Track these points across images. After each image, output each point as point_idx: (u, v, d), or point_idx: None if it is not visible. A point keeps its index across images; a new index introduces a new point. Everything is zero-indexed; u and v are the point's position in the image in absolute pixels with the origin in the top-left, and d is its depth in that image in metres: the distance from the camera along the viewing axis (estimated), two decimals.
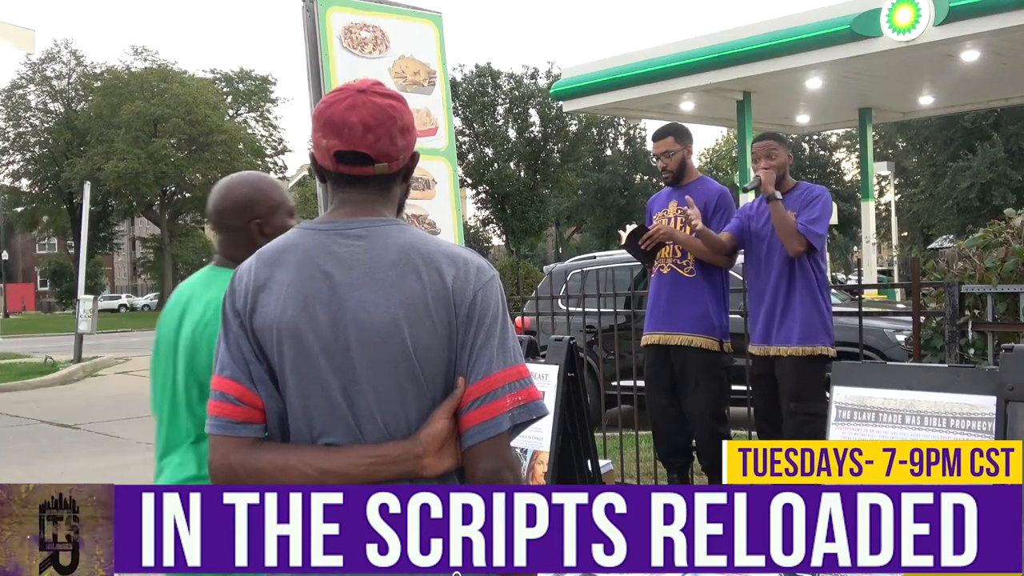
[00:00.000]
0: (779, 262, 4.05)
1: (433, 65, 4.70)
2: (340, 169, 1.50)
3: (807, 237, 3.96)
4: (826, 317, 4.03)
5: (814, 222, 3.99)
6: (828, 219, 4.07)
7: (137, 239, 65.30)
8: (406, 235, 1.49)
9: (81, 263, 16.59)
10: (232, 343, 1.48)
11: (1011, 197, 27.60)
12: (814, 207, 4.03)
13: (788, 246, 3.98)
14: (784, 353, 4.00)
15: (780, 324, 4.03)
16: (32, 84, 45.77)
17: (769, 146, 4.15)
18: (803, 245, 3.96)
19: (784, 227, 3.98)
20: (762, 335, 4.10)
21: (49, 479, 6.54)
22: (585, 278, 6.38)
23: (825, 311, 4.04)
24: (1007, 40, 10.33)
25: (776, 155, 4.12)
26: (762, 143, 4.20)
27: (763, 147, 4.16)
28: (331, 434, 1.45)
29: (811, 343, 3.97)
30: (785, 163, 4.15)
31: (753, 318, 4.20)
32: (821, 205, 4.03)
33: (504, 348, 1.48)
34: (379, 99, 1.49)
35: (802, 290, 4.01)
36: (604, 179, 45.81)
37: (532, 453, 3.77)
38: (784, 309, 4.02)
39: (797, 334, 3.97)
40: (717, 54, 11.83)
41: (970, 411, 2.64)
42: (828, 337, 4.01)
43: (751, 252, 4.23)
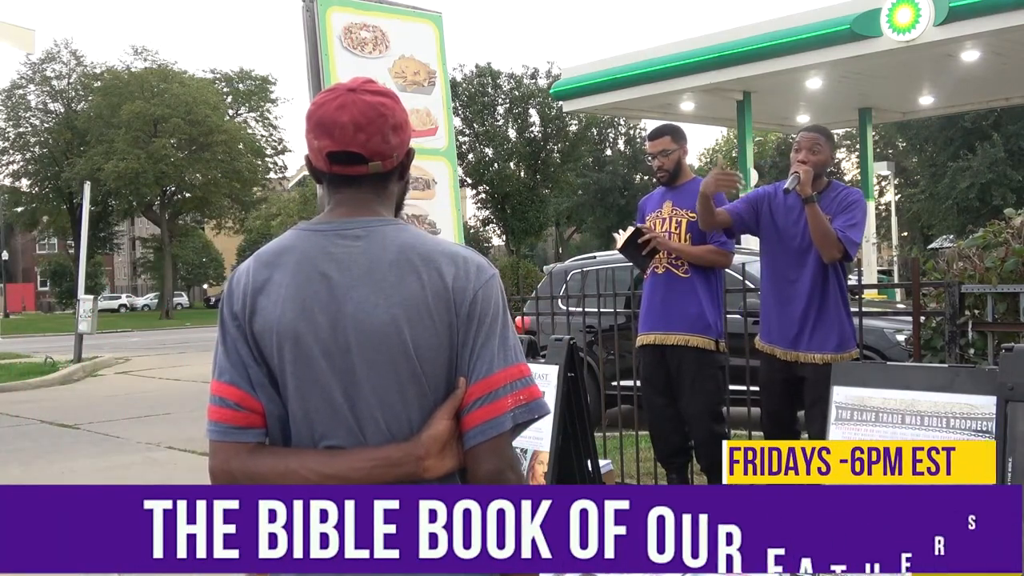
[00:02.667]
0: (814, 264, 3.83)
1: (433, 65, 4.69)
2: (334, 170, 1.50)
3: (844, 244, 3.74)
4: (852, 321, 3.93)
5: (852, 228, 3.76)
6: (864, 225, 3.86)
7: (137, 239, 65.33)
8: (405, 235, 1.48)
9: (81, 263, 16.59)
10: (230, 347, 1.47)
11: (1011, 197, 27.62)
12: (852, 212, 3.80)
13: (824, 252, 3.77)
14: (819, 360, 3.80)
15: (814, 330, 3.84)
16: (32, 84, 45.74)
17: (814, 140, 3.84)
18: (840, 252, 3.76)
19: (822, 232, 3.74)
20: (791, 340, 3.89)
21: (49, 479, 6.55)
22: (585, 278, 6.37)
23: (848, 318, 3.92)
24: (1007, 40, 10.33)
25: (819, 151, 3.83)
26: (808, 135, 3.88)
27: (808, 139, 3.86)
28: (333, 436, 1.44)
29: (846, 350, 3.83)
30: (827, 162, 3.87)
31: (776, 318, 3.98)
32: (860, 211, 3.81)
33: (505, 347, 1.47)
34: (369, 97, 1.47)
35: (836, 296, 3.84)
36: (604, 179, 45.84)
37: (532, 453, 3.77)
38: (819, 315, 3.83)
39: (833, 342, 3.80)
40: (717, 54, 11.83)
41: (970, 411, 2.64)
42: (855, 342, 3.92)
43: (776, 247, 3.98)
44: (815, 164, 3.81)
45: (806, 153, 3.82)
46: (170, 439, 8.23)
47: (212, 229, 52.20)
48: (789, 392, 3.98)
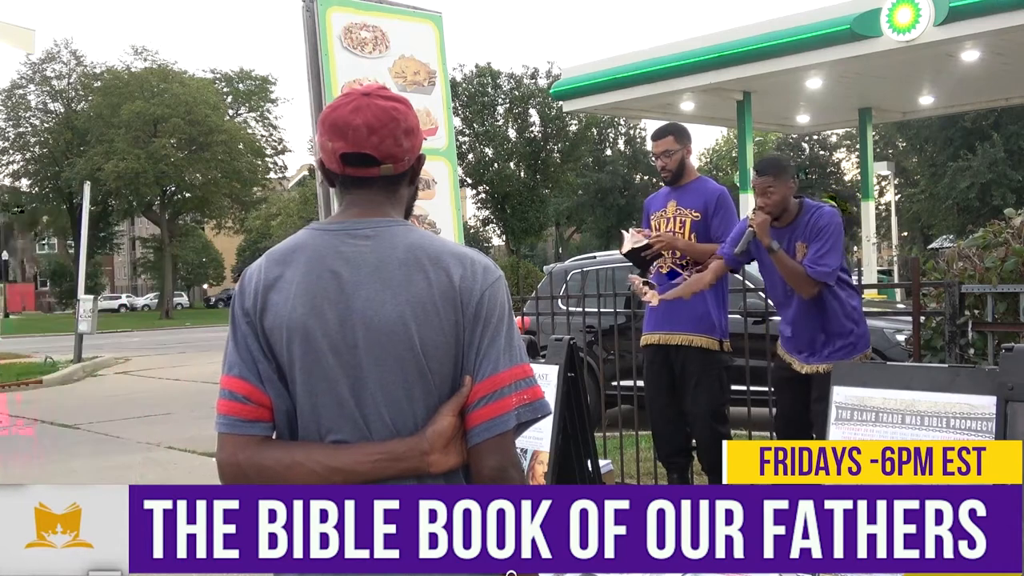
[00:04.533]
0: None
1: (433, 65, 4.69)
2: (346, 171, 1.53)
3: (817, 279, 3.73)
4: (862, 324, 3.88)
5: (823, 258, 3.73)
6: (839, 247, 3.79)
7: (137, 239, 65.29)
8: (413, 235, 1.52)
9: (81, 263, 16.60)
10: (240, 342, 1.50)
11: (1011, 197, 27.63)
12: (821, 241, 3.76)
13: (801, 291, 3.78)
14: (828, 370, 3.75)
15: (823, 347, 3.84)
16: (32, 84, 45.73)
17: (764, 183, 3.79)
18: (815, 287, 3.75)
19: (792, 276, 3.77)
20: (804, 355, 3.90)
21: (49, 479, 6.55)
22: (585, 278, 6.37)
23: (860, 319, 3.88)
24: (1007, 40, 10.33)
25: (772, 192, 3.78)
26: (757, 179, 3.84)
27: (758, 184, 3.82)
28: (339, 432, 1.46)
29: (856, 354, 3.81)
30: (785, 196, 3.81)
31: (784, 330, 4.00)
32: (830, 237, 3.76)
33: (510, 347, 1.50)
34: (383, 102, 1.52)
35: (836, 310, 3.81)
36: (604, 179, 45.84)
37: (532, 453, 3.77)
38: (826, 333, 3.83)
39: (841, 355, 3.77)
40: (717, 54, 11.83)
41: (970, 411, 2.64)
42: (866, 342, 3.87)
43: (768, 271, 4.01)
44: (772, 206, 3.79)
45: (761, 199, 3.82)
46: (170, 439, 8.23)
47: (212, 229, 52.20)
48: (801, 393, 3.95)
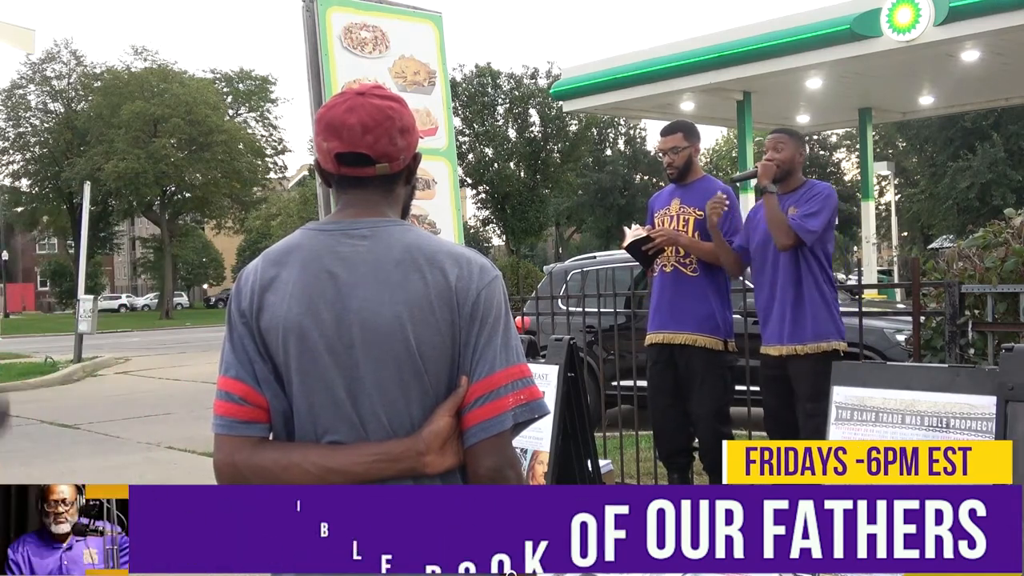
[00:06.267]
0: (784, 262, 3.98)
1: (433, 65, 4.69)
2: (342, 171, 1.53)
3: (797, 232, 3.88)
4: (835, 312, 3.98)
5: (809, 217, 3.90)
6: (827, 216, 3.95)
7: (137, 239, 65.27)
8: (410, 235, 1.51)
9: (81, 263, 16.60)
10: (237, 343, 1.50)
11: (1011, 197, 27.61)
12: (812, 202, 3.95)
13: (776, 239, 3.92)
14: (800, 352, 3.91)
15: (792, 323, 3.95)
16: (32, 84, 45.70)
17: (777, 139, 4.07)
18: (791, 239, 3.89)
19: (774, 220, 3.93)
20: (776, 335, 4.03)
21: (50, 479, 6.54)
22: (585, 278, 6.37)
23: (833, 306, 3.98)
24: (1007, 40, 10.33)
25: (782, 148, 4.04)
26: (772, 136, 4.12)
27: (771, 140, 4.09)
28: (335, 432, 1.46)
29: (825, 339, 3.90)
30: (792, 158, 4.05)
31: (763, 320, 4.13)
32: (820, 201, 3.94)
33: (507, 347, 1.49)
34: (377, 100, 1.51)
35: (809, 287, 3.94)
36: (604, 179, 45.82)
37: (532, 453, 3.77)
38: (795, 308, 3.95)
39: (811, 331, 3.90)
40: (717, 54, 11.83)
41: (970, 411, 2.64)
42: (839, 333, 3.95)
43: (756, 255, 4.15)
44: (780, 161, 4.03)
45: (771, 152, 4.05)
46: (170, 439, 8.23)
47: (212, 229, 52.17)
48: (785, 390, 4.03)
